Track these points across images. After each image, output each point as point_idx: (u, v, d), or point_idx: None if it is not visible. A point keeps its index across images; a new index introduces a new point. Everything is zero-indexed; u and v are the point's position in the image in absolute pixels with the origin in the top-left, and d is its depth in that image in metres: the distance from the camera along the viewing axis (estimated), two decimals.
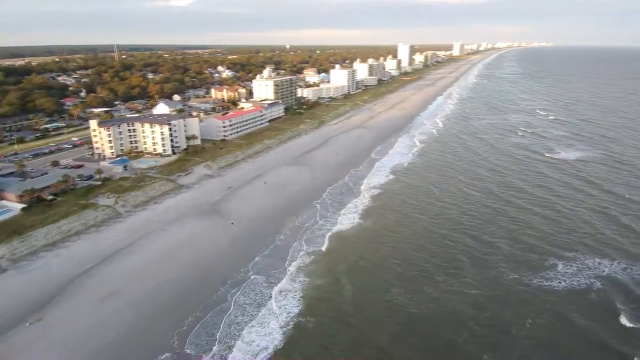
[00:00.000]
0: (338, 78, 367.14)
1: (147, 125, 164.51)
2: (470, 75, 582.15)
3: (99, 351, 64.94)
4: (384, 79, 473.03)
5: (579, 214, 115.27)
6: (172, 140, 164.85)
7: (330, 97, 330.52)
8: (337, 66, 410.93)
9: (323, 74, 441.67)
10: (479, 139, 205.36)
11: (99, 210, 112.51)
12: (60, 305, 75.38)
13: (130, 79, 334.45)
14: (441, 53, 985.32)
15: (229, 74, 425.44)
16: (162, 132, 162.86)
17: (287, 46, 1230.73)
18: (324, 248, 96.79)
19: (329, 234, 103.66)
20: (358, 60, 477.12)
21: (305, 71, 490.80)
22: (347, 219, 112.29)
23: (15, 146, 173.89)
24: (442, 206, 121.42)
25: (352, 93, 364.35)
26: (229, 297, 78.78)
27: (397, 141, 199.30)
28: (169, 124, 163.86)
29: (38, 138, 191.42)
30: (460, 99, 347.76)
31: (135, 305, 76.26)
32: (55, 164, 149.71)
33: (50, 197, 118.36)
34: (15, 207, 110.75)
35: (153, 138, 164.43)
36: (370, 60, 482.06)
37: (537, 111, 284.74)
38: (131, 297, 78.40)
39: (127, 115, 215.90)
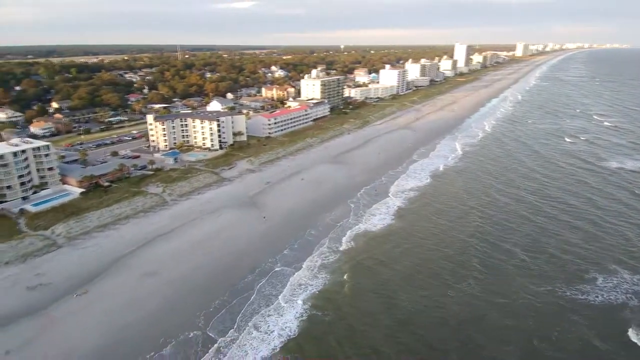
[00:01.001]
0: (387, 78, 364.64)
1: (197, 121, 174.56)
2: (532, 77, 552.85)
3: (133, 324, 71.33)
4: (437, 79, 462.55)
5: (621, 229, 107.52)
6: (219, 136, 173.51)
7: (377, 98, 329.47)
8: (388, 66, 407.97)
9: (373, 74, 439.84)
10: (526, 145, 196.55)
11: (147, 197, 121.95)
12: (105, 280, 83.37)
13: (189, 77, 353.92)
14: (503, 54, 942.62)
15: (281, 73, 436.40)
16: (210, 128, 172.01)
17: (342, 46, 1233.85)
18: (350, 246, 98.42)
19: (358, 232, 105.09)
20: (410, 60, 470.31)
21: (356, 71, 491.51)
22: (378, 219, 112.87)
23: (82, 136, 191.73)
24: (475, 212, 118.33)
25: (401, 94, 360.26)
26: (254, 285, 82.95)
27: (440, 144, 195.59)
28: (218, 121, 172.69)
29: (102, 130, 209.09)
30: (516, 102, 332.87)
31: (170, 285, 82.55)
32: (115, 154, 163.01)
33: (106, 184, 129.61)
34: (75, 191, 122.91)
35: (203, 133, 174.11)
36: (423, 61, 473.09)
37: (595, 117, 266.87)
38: (168, 277, 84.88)
39: (181, 111, 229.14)
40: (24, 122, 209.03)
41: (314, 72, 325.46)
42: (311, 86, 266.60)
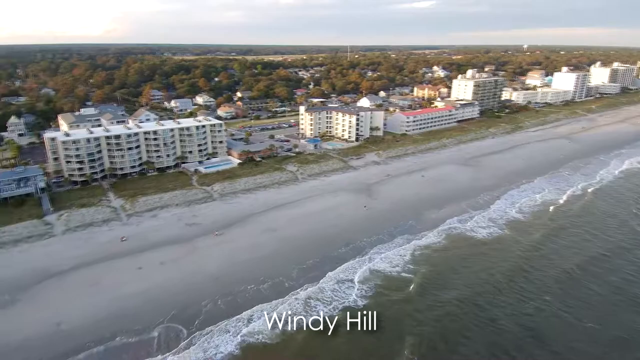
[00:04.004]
0: (562, 82, 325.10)
1: (340, 114, 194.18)
2: None
3: (246, 262, 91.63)
4: (632, 87, 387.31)
5: None
6: (357, 129, 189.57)
7: (545, 103, 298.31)
8: (565, 69, 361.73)
9: (549, 77, 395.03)
10: None
11: (284, 173, 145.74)
12: (236, 228, 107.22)
13: (349, 76, 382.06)
14: None
15: (441, 74, 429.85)
16: (350, 121, 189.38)
17: (525, 46, 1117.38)
18: (443, 244, 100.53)
19: (458, 232, 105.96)
20: (598, 63, 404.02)
21: (529, 73, 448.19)
22: (486, 225, 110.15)
23: (252, 121, 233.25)
24: (601, 244, 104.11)
25: (577, 100, 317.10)
26: (345, 257, 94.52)
27: (599, 159, 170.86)
28: (357, 115, 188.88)
29: (269, 117, 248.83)
30: None
31: (281, 241, 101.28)
32: (272, 137, 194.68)
33: (258, 159, 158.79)
34: (235, 161, 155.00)
35: (343, 125, 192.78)
36: (616, 64, 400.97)
37: None
38: (281, 235, 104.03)
39: (329, 105, 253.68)
40: (215, 106, 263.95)
41: (469, 72, 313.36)
42: (463, 87, 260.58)
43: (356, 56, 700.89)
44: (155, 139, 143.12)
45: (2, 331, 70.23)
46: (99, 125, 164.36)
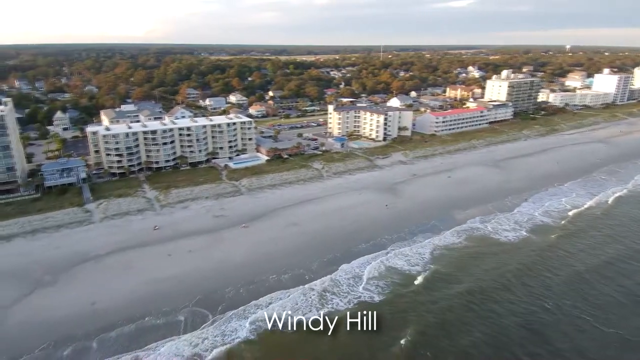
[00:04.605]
0: (603, 84, 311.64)
1: (367, 114, 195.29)
2: None
3: (269, 254, 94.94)
4: None
5: None
6: (385, 129, 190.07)
7: (583, 105, 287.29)
8: (606, 70, 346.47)
9: (590, 79, 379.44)
10: None
11: (309, 170, 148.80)
12: (261, 222, 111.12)
13: (380, 75, 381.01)
14: None
15: (476, 74, 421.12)
16: (377, 121, 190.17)
17: (567, 46, 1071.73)
18: (464, 244, 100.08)
19: (479, 233, 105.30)
20: None
21: (570, 74, 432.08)
22: (509, 228, 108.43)
23: (282, 120, 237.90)
24: (623, 249, 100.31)
25: (618, 103, 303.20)
26: (363, 252, 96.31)
27: (637, 165, 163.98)
28: (385, 115, 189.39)
29: (298, 116, 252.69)
30: None
31: (303, 235, 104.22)
32: (299, 135, 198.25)
33: (285, 156, 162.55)
34: (263, 158, 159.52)
35: (370, 125, 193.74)
36: None
37: None
38: (303, 229, 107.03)
39: (359, 105, 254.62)
40: (247, 104, 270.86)
41: (504, 72, 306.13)
42: (497, 87, 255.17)
43: (389, 56, 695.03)
44: (188, 135, 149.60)
45: (44, 307, 76.82)
46: (138, 121, 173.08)
